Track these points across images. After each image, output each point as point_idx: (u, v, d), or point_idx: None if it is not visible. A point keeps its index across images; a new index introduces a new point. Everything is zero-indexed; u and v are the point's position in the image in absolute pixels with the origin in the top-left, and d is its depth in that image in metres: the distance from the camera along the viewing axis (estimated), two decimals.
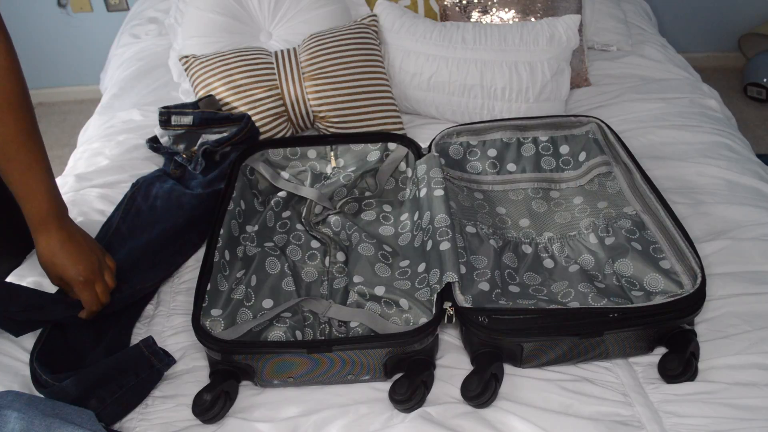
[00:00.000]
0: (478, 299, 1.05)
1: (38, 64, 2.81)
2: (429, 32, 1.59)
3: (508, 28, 1.58)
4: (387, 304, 1.11)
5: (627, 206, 1.24)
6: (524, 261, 1.20)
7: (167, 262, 1.24)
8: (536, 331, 0.99)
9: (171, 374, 1.06)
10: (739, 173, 1.39)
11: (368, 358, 0.99)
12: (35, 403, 0.91)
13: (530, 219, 1.30)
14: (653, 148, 1.48)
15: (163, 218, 1.28)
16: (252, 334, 1.06)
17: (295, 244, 1.26)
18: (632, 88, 1.70)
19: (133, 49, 2.02)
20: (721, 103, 1.67)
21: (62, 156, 2.48)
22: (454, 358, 1.06)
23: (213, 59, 1.56)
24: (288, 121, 1.55)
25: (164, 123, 1.45)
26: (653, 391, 0.99)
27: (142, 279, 1.18)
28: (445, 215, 1.15)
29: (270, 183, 1.36)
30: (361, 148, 1.40)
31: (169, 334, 1.13)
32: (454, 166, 1.38)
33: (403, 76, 1.61)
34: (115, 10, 2.70)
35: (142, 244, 1.23)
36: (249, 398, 1.02)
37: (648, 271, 1.09)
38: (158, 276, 1.21)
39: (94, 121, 1.75)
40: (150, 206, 1.32)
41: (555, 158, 1.39)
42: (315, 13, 1.69)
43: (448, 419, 0.96)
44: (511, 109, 1.56)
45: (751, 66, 2.71)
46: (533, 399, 0.99)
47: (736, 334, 1.06)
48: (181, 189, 1.34)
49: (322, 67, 1.52)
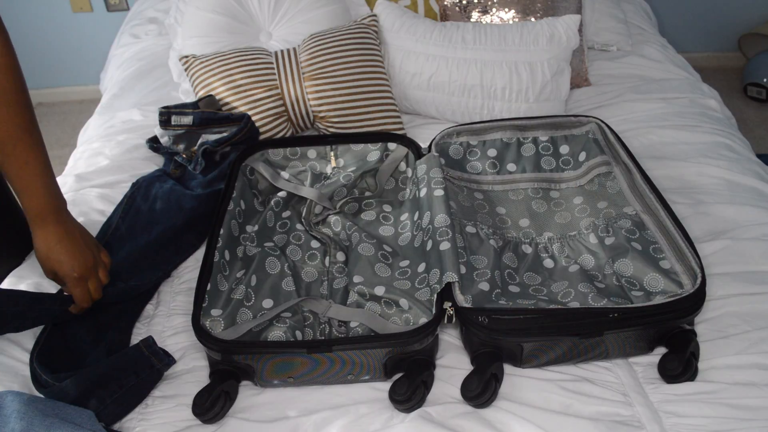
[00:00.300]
0: (478, 299, 1.05)
1: (38, 64, 2.81)
2: (429, 32, 1.59)
3: (508, 28, 1.58)
4: (387, 304, 1.11)
5: (627, 206, 1.24)
6: (524, 261, 1.20)
7: (166, 262, 1.24)
8: (536, 331, 0.99)
9: (171, 374, 1.06)
10: (739, 173, 1.39)
11: (368, 358, 0.99)
12: (35, 403, 0.91)
13: (530, 219, 1.30)
14: (653, 148, 1.48)
15: (163, 219, 1.28)
16: (252, 334, 1.06)
17: (295, 244, 1.26)
18: (632, 88, 1.70)
19: (133, 49, 2.02)
20: (721, 103, 1.67)
21: (62, 156, 2.47)
22: (454, 358, 1.06)
23: (213, 59, 1.56)
24: (288, 121, 1.55)
25: (164, 123, 1.45)
26: (653, 391, 0.99)
27: (139, 278, 1.18)
28: (445, 215, 1.15)
29: (270, 183, 1.36)
30: (361, 148, 1.40)
31: (169, 334, 1.13)
32: (454, 166, 1.38)
33: (403, 76, 1.61)
34: (115, 10, 2.70)
35: (141, 245, 1.23)
36: (249, 398, 1.02)
37: (648, 271, 1.09)
38: (155, 276, 1.21)
39: (94, 121, 1.75)
40: (149, 206, 1.32)
41: (555, 158, 1.39)
42: (315, 13, 1.69)
43: (448, 419, 0.96)
44: (511, 109, 1.56)
45: (751, 66, 2.71)
46: (533, 399, 0.99)
47: (736, 334, 1.06)
48: (181, 189, 1.34)
49: (322, 67, 1.52)
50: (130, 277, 1.17)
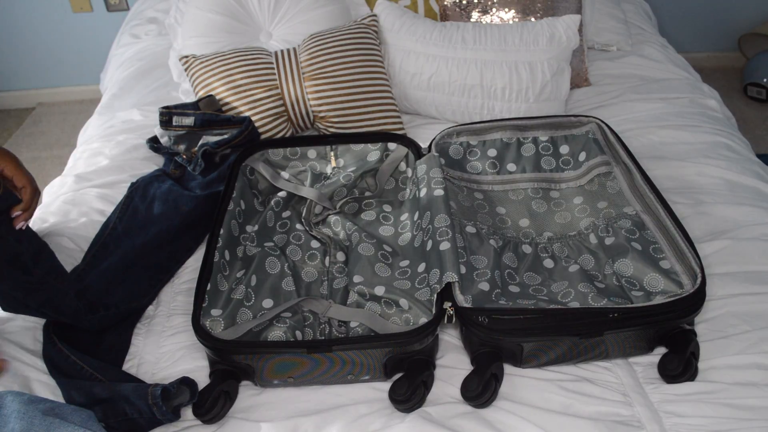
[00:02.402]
0: (478, 299, 1.05)
1: (38, 64, 2.80)
2: (429, 32, 1.59)
3: (508, 28, 1.58)
4: (387, 304, 1.11)
5: (627, 206, 1.24)
6: (524, 261, 1.20)
7: (161, 268, 1.23)
8: (536, 331, 0.99)
9: (171, 374, 1.06)
10: (739, 173, 1.39)
11: (368, 358, 0.99)
12: (35, 403, 0.91)
13: (530, 219, 1.30)
14: (653, 148, 1.48)
15: (160, 220, 1.28)
16: (252, 334, 1.06)
17: (295, 244, 1.26)
18: (632, 88, 1.70)
19: (133, 49, 2.02)
20: (721, 103, 1.67)
21: (62, 156, 2.48)
22: (454, 358, 1.06)
23: (213, 59, 1.56)
24: (288, 121, 1.55)
25: (165, 123, 1.45)
26: (653, 391, 0.99)
27: (136, 282, 1.18)
28: (445, 215, 1.15)
29: (270, 183, 1.36)
30: (361, 148, 1.40)
31: (169, 334, 1.13)
32: (454, 166, 1.38)
33: (403, 76, 1.61)
34: (115, 10, 2.70)
35: (137, 245, 1.23)
36: (249, 398, 1.02)
37: (648, 271, 1.09)
38: (151, 289, 1.20)
39: (94, 121, 1.75)
40: (147, 207, 1.31)
41: (555, 158, 1.39)
42: (315, 13, 1.69)
43: (448, 419, 0.96)
44: (511, 109, 1.56)
45: (751, 66, 2.71)
46: (533, 399, 0.99)
47: (736, 334, 1.06)
48: (179, 190, 1.34)
49: (322, 67, 1.52)
50: (126, 278, 1.17)
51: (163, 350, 1.11)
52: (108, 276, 1.17)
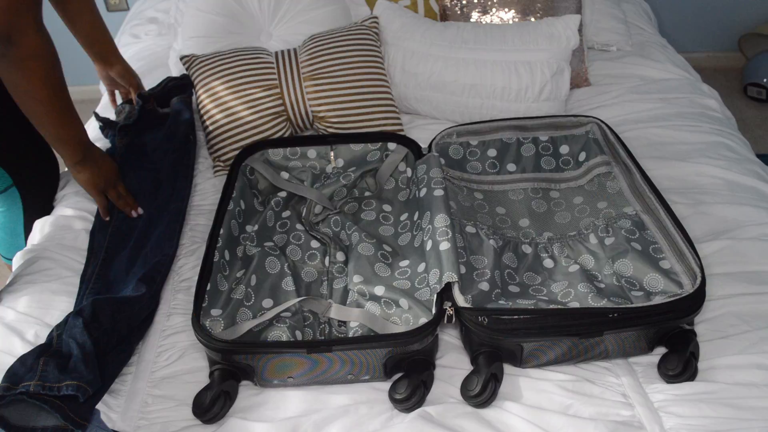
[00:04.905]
0: (477, 299, 1.05)
1: None
2: (429, 32, 1.59)
3: (507, 28, 1.58)
4: (387, 303, 1.11)
5: (627, 206, 1.24)
6: (524, 261, 1.20)
7: (177, 212, 1.31)
8: (536, 332, 0.99)
9: (171, 374, 1.06)
10: (739, 173, 1.39)
11: (368, 358, 0.99)
12: None
13: (530, 219, 1.30)
14: (653, 148, 1.48)
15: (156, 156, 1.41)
16: (252, 334, 1.06)
17: (295, 244, 1.26)
18: (632, 88, 1.70)
19: (133, 49, 2.02)
20: (720, 103, 1.67)
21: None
22: (454, 358, 1.06)
23: (213, 59, 1.56)
24: (287, 121, 1.54)
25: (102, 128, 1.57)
26: (653, 391, 0.99)
27: (158, 239, 1.26)
28: (444, 215, 1.15)
29: (270, 183, 1.36)
30: (361, 148, 1.40)
31: (169, 334, 1.13)
32: (454, 166, 1.38)
33: (403, 76, 1.61)
34: (115, 10, 2.69)
35: (144, 219, 1.32)
36: (249, 398, 1.02)
37: (648, 271, 1.09)
38: (174, 234, 1.27)
39: (94, 121, 1.75)
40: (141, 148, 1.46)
41: (555, 158, 1.39)
42: (315, 14, 1.69)
43: (448, 419, 0.96)
44: (511, 109, 1.56)
45: (751, 66, 2.71)
46: (533, 399, 0.99)
47: (735, 334, 1.06)
48: (142, 151, 1.43)
49: (322, 67, 1.52)
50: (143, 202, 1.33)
51: (162, 350, 1.10)
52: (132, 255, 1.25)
